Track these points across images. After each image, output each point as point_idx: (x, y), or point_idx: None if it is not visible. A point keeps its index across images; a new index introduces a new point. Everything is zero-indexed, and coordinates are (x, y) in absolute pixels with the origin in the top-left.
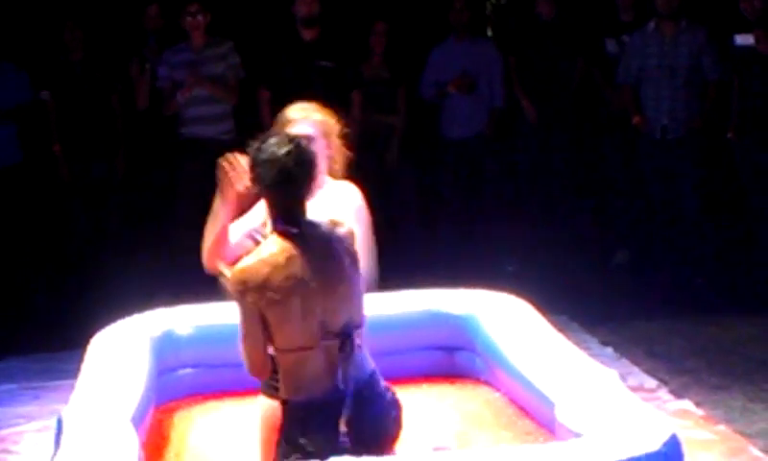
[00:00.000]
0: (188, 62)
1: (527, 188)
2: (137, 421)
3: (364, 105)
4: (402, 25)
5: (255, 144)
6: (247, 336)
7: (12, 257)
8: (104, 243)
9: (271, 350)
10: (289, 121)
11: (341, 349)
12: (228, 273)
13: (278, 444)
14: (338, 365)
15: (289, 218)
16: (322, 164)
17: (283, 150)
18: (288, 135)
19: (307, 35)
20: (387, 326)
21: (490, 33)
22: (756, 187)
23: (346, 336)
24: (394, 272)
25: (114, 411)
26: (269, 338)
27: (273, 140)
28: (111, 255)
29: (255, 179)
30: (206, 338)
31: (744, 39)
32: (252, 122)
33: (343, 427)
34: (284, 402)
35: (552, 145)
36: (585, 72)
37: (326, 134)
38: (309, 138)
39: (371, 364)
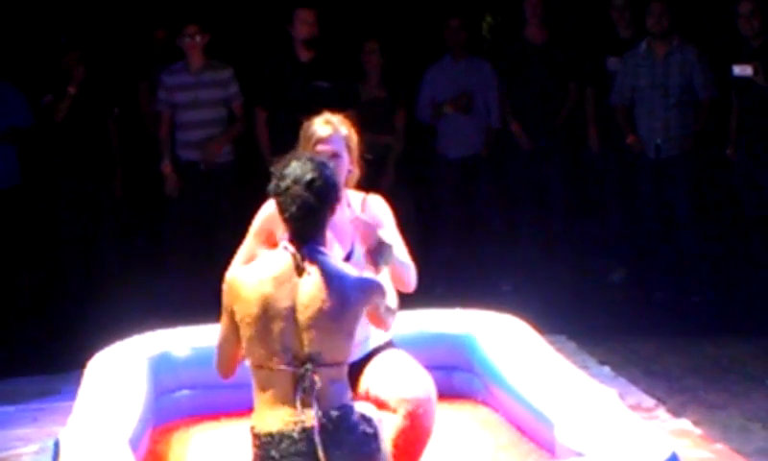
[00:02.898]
0: (187, 85)
1: (523, 207)
2: (135, 442)
3: (360, 125)
4: (399, 44)
5: (277, 169)
6: (221, 333)
7: (9, 279)
8: (101, 265)
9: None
10: (318, 139)
11: (299, 379)
12: None
13: None
14: (295, 396)
15: (300, 242)
16: (341, 179)
17: (305, 180)
18: (311, 162)
19: (305, 55)
20: None
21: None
22: (754, 205)
23: (307, 369)
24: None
25: (112, 433)
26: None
27: (295, 167)
28: (109, 277)
29: (277, 207)
30: (204, 360)
31: (742, 70)
32: (249, 143)
33: None
34: (251, 429)
35: (547, 165)
36: (578, 95)
37: (350, 149)
38: (337, 156)
39: (345, 398)
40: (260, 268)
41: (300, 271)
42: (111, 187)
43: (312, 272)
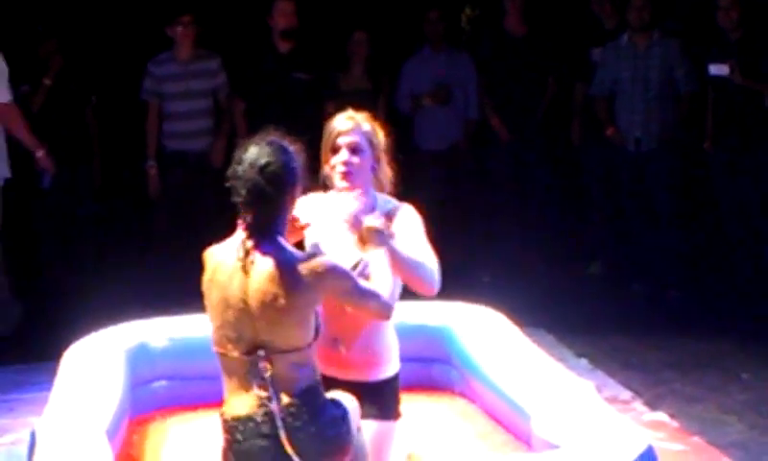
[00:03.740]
0: (176, 75)
1: (502, 200)
2: (112, 433)
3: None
4: (380, 36)
5: (237, 153)
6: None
7: None
8: (78, 255)
9: None
10: (338, 132)
11: (252, 366)
12: None
13: None
14: (252, 382)
15: (252, 228)
16: (365, 176)
17: (259, 164)
18: (269, 146)
19: (283, 46)
20: None
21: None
22: (730, 199)
23: (258, 356)
24: None
25: (89, 423)
26: None
27: (252, 152)
28: (86, 267)
29: (232, 191)
30: (181, 350)
31: (718, 70)
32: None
33: (288, 448)
34: (221, 415)
35: (527, 157)
36: (557, 88)
37: (374, 146)
38: (358, 150)
39: (310, 381)
40: (217, 252)
41: (249, 261)
42: (89, 176)
43: (262, 261)
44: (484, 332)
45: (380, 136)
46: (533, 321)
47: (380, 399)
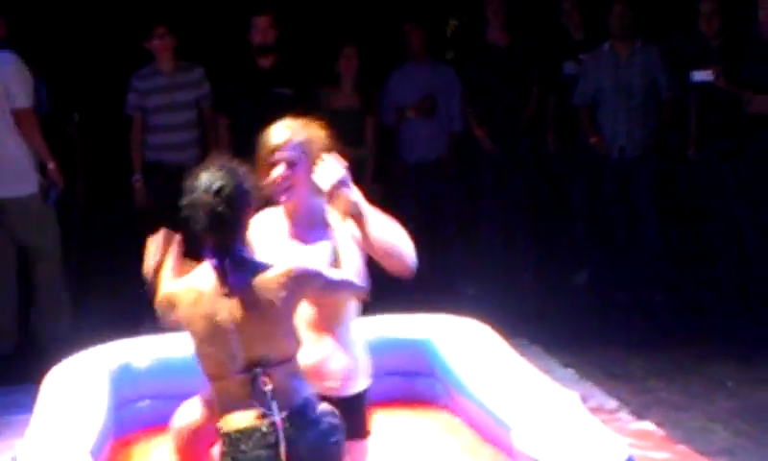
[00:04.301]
0: (160, 88)
1: (487, 211)
2: (96, 453)
3: (330, 133)
4: (367, 50)
5: (189, 182)
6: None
7: None
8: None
9: None
10: (270, 147)
11: (252, 383)
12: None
13: None
14: (253, 398)
15: (219, 252)
16: (303, 186)
17: (213, 189)
18: (219, 170)
19: (264, 62)
20: None
21: (449, 56)
22: (715, 205)
23: (257, 373)
24: None
25: (73, 444)
26: None
27: (203, 178)
28: (71, 284)
29: (189, 221)
30: (164, 370)
31: (702, 76)
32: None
33: (283, 458)
34: (219, 430)
35: (511, 168)
36: (540, 99)
37: (310, 155)
38: (290, 162)
39: (306, 391)
40: (192, 285)
41: (227, 285)
42: (74, 194)
43: (241, 280)
44: (468, 345)
45: (320, 143)
46: (519, 332)
47: (345, 415)
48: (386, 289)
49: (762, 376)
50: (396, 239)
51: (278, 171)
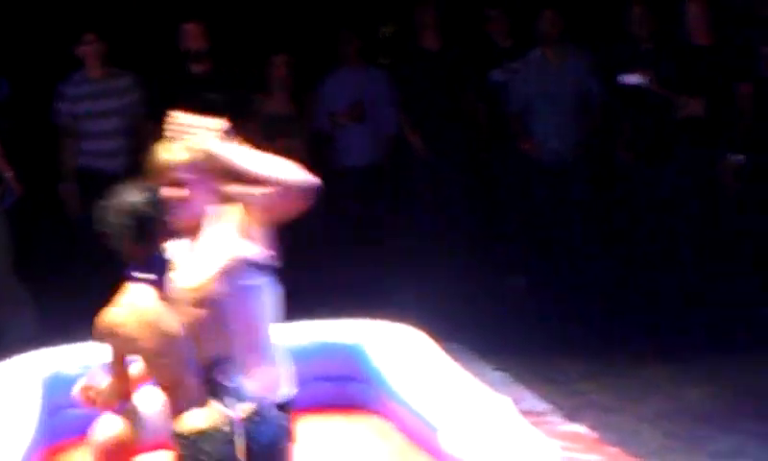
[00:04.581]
0: (91, 95)
1: (421, 215)
2: None
3: (258, 136)
4: (300, 56)
5: (96, 211)
6: (113, 371)
7: None
8: None
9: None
10: (161, 167)
11: (209, 383)
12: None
13: None
14: (213, 397)
15: (147, 263)
16: (198, 204)
17: (125, 209)
18: (128, 191)
19: (197, 68)
20: None
21: (384, 61)
22: (649, 209)
23: (214, 371)
24: (289, 302)
25: (4, 451)
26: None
27: (114, 201)
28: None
29: (108, 244)
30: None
31: (631, 79)
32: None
33: (240, 456)
34: (174, 434)
35: (447, 173)
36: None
37: (204, 169)
38: (180, 183)
39: (254, 389)
40: (131, 306)
41: (164, 296)
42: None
43: (175, 291)
44: (399, 349)
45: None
46: (452, 337)
47: None
48: (318, 294)
49: (695, 378)
50: (273, 164)
51: (168, 193)
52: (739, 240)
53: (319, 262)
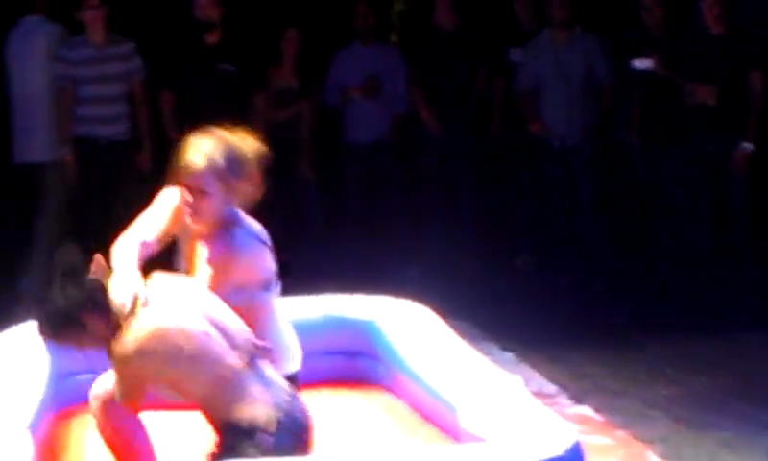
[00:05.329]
0: (91, 59)
1: (430, 193)
2: (35, 427)
3: (268, 107)
4: (311, 31)
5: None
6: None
7: None
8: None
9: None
10: (186, 171)
11: (250, 365)
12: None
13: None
14: (255, 386)
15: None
16: (216, 211)
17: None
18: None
19: (209, 38)
20: None
21: (394, 39)
22: (655, 191)
23: (255, 357)
24: (297, 276)
25: (10, 418)
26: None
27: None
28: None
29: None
30: None
31: (642, 64)
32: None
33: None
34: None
35: (457, 152)
36: (487, 83)
37: (226, 179)
38: (203, 190)
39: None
40: (152, 327)
41: (179, 291)
42: None
43: (182, 285)
44: (409, 326)
45: (241, 157)
46: (460, 315)
47: None
48: (329, 269)
49: (701, 364)
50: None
51: (189, 197)
52: (749, 228)
53: (327, 240)
